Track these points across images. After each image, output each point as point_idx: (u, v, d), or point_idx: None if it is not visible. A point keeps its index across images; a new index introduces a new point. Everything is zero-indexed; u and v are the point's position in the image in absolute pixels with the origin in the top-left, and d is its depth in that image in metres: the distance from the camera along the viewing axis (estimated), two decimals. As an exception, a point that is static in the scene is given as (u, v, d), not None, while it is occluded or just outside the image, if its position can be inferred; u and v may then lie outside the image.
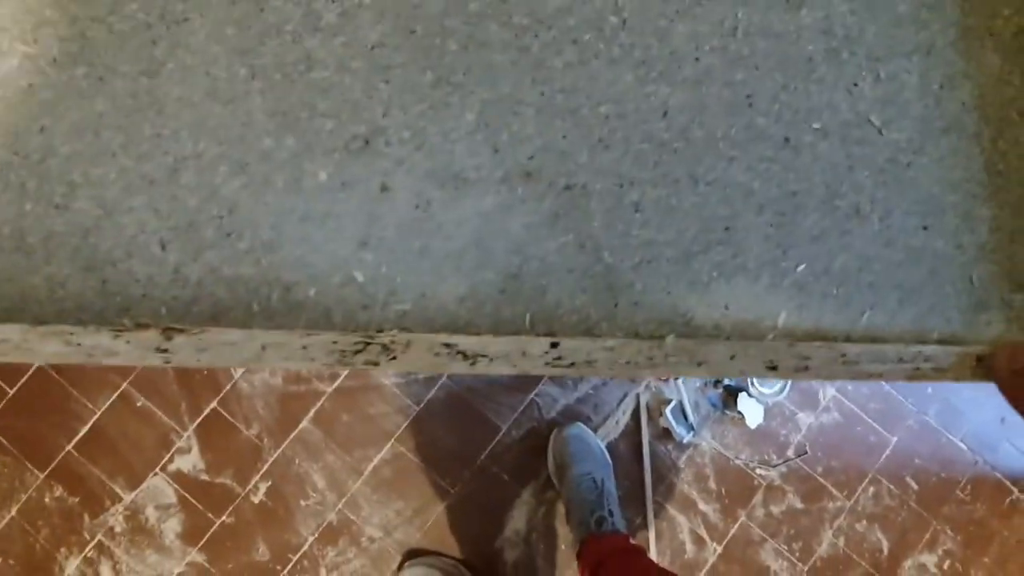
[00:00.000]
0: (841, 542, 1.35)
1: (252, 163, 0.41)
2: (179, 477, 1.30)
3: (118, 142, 0.41)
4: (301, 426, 1.31)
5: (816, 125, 0.44)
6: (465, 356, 0.33)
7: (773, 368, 0.34)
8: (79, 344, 0.32)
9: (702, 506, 1.34)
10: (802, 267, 0.41)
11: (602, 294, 0.40)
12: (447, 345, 0.33)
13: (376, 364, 0.32)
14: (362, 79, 0.42)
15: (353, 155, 0.41)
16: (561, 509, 1.27)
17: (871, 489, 1.36)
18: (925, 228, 0.43)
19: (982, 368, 0.35)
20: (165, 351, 0.32)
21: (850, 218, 0.42)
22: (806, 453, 1.36)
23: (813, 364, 0.35)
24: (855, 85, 0.44)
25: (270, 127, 0.41)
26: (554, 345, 0.34)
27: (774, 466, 1.36)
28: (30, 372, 1.28)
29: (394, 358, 0.32)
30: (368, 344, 0.33)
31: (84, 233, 0.39)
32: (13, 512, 1.28)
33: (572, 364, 0.33)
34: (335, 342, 0.33)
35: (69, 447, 1.29)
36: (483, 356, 0.33)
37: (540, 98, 0.42)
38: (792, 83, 0.44)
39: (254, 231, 0.40)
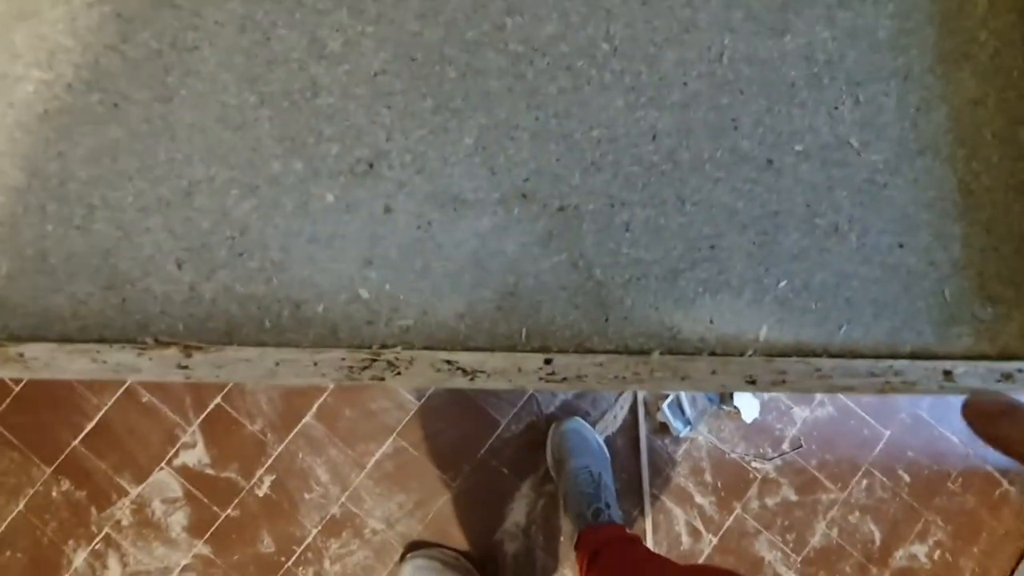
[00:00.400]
0: (834, 533, 1.38)
1: (262, 186, 0.43)
2: (185, 471, 1.32)
3: (134, 166, 0.43)
4: (304, 421, 1.33)
5: (798, 147, 0.46)
6: (465, 372, 0.35)
7: (752, 382, 0.36)
8: (105, 361, 0.35)
9: (698, 499, 1.36)
10: (783, 283, 0.44)
11: (593, 310, 0.42)
12: (448, 362, 0.35)
13: (382, 379, 0.35)
14: (365, 105, 0.44)
15: (358, 178, 0.43)
16: (560, 502, 1.29)
17: (864, 481, 1.39)
18: (900, 246, 0.45)
19: (950, 382, 0.37)
20: (186, 367, 0.35)
21: (829, 236, 0.45)
22: (801, 447, 1.38)
23: (789, 378, 0.37)
24: (835, 109, 0.46)
25: (278, 152, 0.43)
26: (548, 361, 0.36)
27: (769, 459, 1.38)
28: (36, 369, 1.29)
29: (399, 374, 0.35)
30: (375, 361, 0.35)
31: (104, 254, 0.42)
32: (21, 506, 1.30)
33: (564, 379, 0.36)
34: (343, 359, 0.35)
35: (75, 442, 1.31)
36: (482, 372, 0.35)
37: (535, 123, 0.44)
38: (775, 107, 0.46)
39: (264, 251, 0.42)
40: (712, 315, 0.43)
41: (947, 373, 0.37)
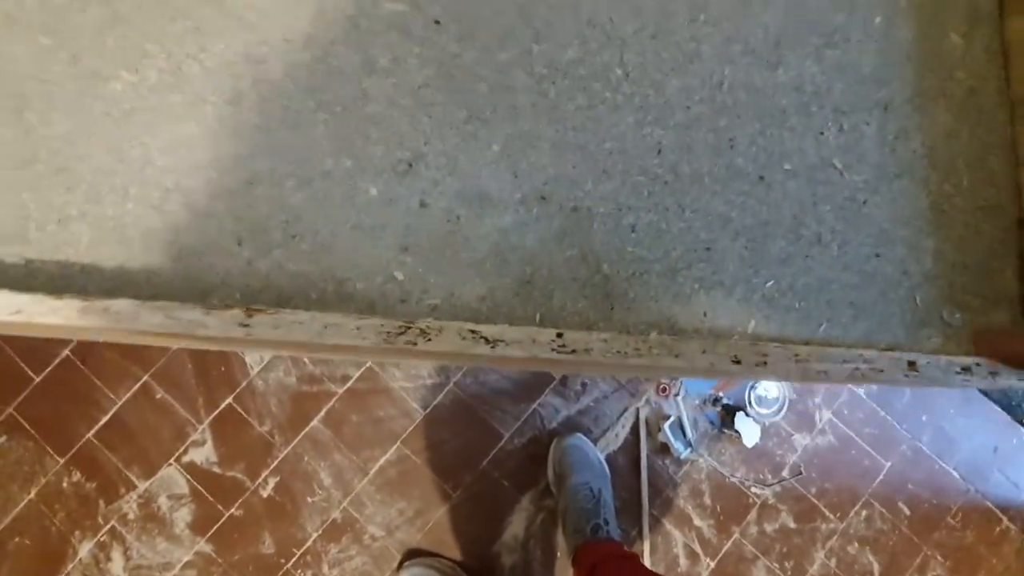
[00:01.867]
0: (832, 563, 1.37)
1: (315, 179, 0.49)
2: (192, 468, 1.32)
3: (206, 158, 0.49)
4: (311, 425, 1.34)
5: (787, 166, 0.52)
6: (487, 340, 0.40)
7: (737, 362, 0.41)
8: (177, 318, 0.40)
9: (697, 521, 1.36)
10: (770, 284, 0.49)
11: (600, 300, 0.48)
12: (472, 331, 0.41)
13: (414, 344, 0.40)
14: (408, 114, 0.50)
15: (398, 176, 0.49)
16: (559, 517, 1.30)
17: (864, 512, 1.38)
18: (877, 256, 0.50)
19: (913, 372, 0.42)
20: (247, 326, 0.40)
21: (813, 245, 0.50)
22: (801, 474, 1.38)
23: (770, 360, 0.42)
24: (821, 134, 0.52)
25: (331, 150, 0.50)
26: (559, 335, 0.41)
27: (769, 485, 1.38)
28: (56, 361, 1.32)
29: (430, 340, 0.40)
30: (408, 328, 0.41)
31: (175, 230, 0.48)
32: (32, 494, 1.31)
33: (573, 351, 0.41)
34: (382, 325, 0.41)
35: (89, 434, 1.32)
36: (501, 341, 0.40)
37: (555, 134, 0.51)
38: (768, 130, 0.52)
39: (314, 235, 0.48)
40: (706, 309, 0.48)
41: (911, 364, 0.42)
